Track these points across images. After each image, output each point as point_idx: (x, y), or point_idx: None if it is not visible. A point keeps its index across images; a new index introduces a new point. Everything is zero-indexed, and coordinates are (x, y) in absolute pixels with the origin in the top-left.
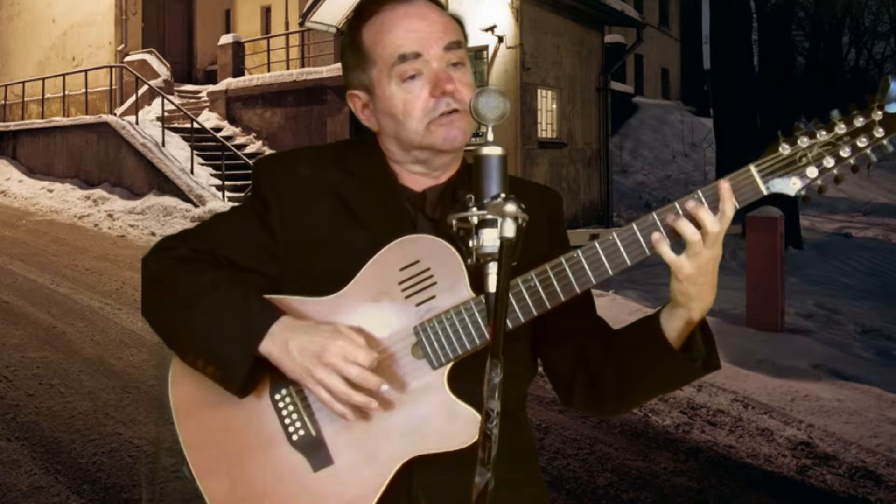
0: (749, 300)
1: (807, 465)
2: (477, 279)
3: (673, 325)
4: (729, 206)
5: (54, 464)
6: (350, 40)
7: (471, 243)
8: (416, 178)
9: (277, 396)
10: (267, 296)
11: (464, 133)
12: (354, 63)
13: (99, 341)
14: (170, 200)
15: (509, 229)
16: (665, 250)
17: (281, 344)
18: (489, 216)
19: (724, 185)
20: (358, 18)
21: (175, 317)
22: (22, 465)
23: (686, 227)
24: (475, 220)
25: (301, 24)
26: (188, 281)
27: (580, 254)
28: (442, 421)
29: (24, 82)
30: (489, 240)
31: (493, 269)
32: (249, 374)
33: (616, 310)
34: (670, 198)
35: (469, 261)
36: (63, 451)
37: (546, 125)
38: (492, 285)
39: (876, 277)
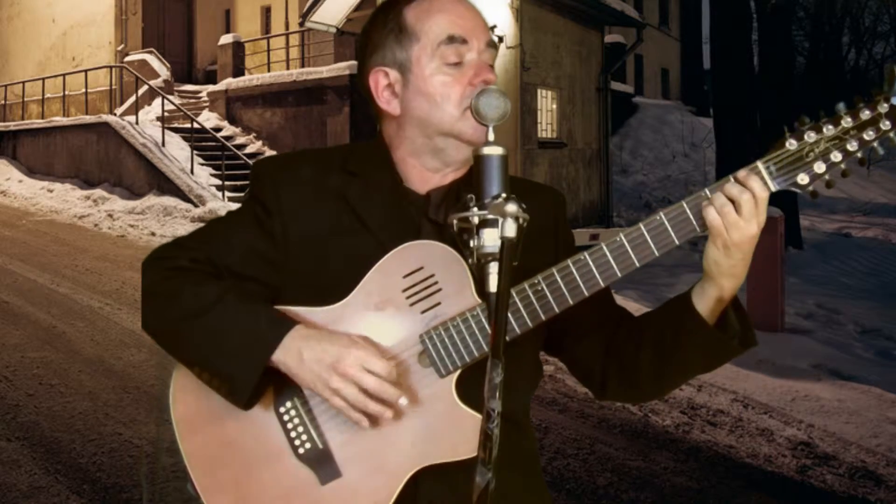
0: (749, 300)
1: (807, 465)
2: (481, 283)
3: (704, 304)
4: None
5: (54, 464)
6: (387, 17)
7: (472, 243)
8: (424, 176)
9: (282, 409)
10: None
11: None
12: (393, 39)
13: (99, 341)
14: (170, 200)
15: (510, 229)
16: (710, 212)
17: (295, 353)
18: (490, 216)
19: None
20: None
21: (180, 329)
22: (22, 465)
23: (733, 189)
24: (476, 220)
25: (301, 24)
26: (191, 293)
27: (587, 256)
28: (450, 430)
29: (24, 82)
30: (490, 240)
31: (493, 268)
32: (257, 386)
33: None
34: (670, 198)
35: (470, 261)
36: (63, 451)
37: (546, 125)
38: (492, 285)
39: (876, 277)
